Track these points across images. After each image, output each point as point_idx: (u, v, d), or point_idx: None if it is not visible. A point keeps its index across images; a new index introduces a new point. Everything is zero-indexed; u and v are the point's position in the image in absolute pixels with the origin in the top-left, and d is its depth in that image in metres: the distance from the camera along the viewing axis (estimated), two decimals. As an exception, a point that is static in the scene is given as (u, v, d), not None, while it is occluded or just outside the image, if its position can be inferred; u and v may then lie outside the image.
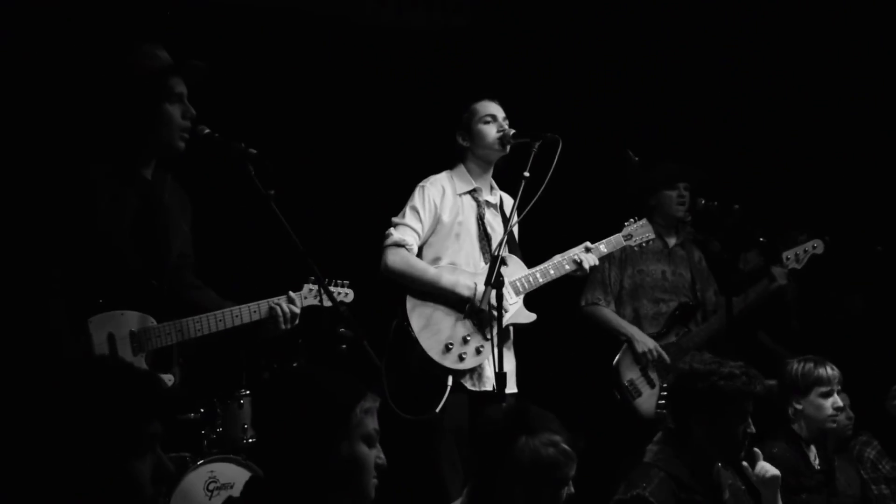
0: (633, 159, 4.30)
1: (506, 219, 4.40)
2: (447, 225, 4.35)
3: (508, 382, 4.11)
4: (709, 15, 6.08)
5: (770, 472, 3.56)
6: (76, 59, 4.39)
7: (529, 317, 4.38)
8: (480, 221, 4.42)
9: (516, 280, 4.31)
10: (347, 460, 2.30)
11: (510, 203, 4.36)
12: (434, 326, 4.21)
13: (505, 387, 3.87)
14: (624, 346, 5.07)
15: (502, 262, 3.89)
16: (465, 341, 4.21)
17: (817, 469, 4.19)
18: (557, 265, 4.39)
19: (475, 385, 4.26)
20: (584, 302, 5.20)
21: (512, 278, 4.28)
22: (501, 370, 3.83)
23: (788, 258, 5.18)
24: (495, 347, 3.87)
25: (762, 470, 3.56)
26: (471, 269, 4.32)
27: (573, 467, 2.78)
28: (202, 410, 4.50)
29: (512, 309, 4.28)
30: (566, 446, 2.76)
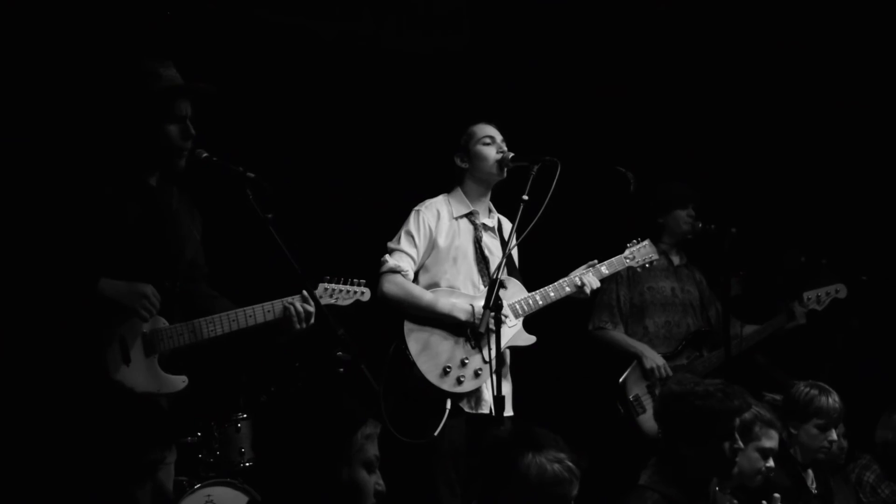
0: (628, 176, 4.31)
1: (504, 242, 4.41)
2: (444, 249, 4.35)
3: (506, 406, 4.10)
4: (706, 34, 6.11)
5: None
6: (84, 68, 4.39)
7: (529, 339, 4.37)
8: (478, 244, 4.42)
9: (515, 303, 4.31)
10: (348, 486, 2.30)
11: (509, 226, 4.37)
12: (432, 350, 4.21)
13: (503, 410, 3.87)
14: (633, 363, 5.08)
15: (501, 286, 3.89)
16: (464, 364, 4.21)
17: (814, 493, 4.18)
18: (557, 287, 4.39)
19: (472, 408, 4.26)
20: (592, 326, 5.22)
21: (511, 301, 4.28)
22: (500, 394, 3.82)
23: (809, 298, 5.20)
24: (493, 371, 3.87)
25: None
26: (470, 293, 4.32)
27: (576, 486, 2.79)
28: (199, 434, 4.48)
29: (511, 331, 4.27)
30: (571, 464, 2.77)
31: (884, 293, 5.73)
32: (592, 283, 4.41)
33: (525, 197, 4.02)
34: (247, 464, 4.41)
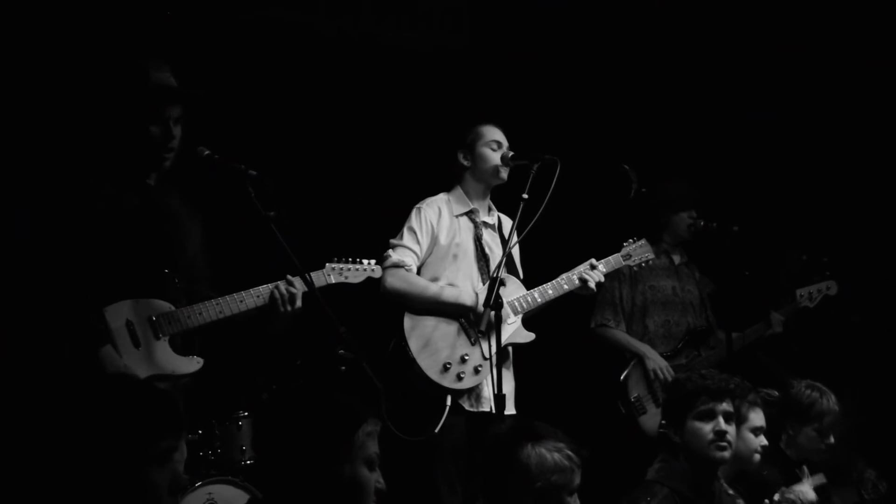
0: (631, 176, 4.31)
1: (504, 240, 4.41)
2: (444, 247, 4.36)
3: (507, 404, 4.10)
4: (706, 34, 6.11)
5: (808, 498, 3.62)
6: (83, 68, 4.40)
7: (528, 336, 4.38)
8: (478, 242, 4.42)
9: (514, 300, 4.31)
10: (349, 483, 2.31)
11: (509, 224, 4.37)
12: (432, 346, 4.21)
13: (504, 409, 3.86)
14: (633, 362, 5.08)
15: (501, 283, 3.89)
16: (463, 360, 4.21)
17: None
18: (556, 285, 4.39)
19: (473, 406, 4.26)
20: (594, 323, 5.22)
21: (510, 298, 4.28)
22: (500, 392, 3.82)
23: (802, 296, 5.21)
24: (493, 368, 3.87)
25: (801, 494, 3.61)
26: (470, 290, 4.32)
27: (578, 475, 2.81)
28: (200, 432, 4.47)
29: (510, 328, 4.27)
30: (571, 452, 2.80)
31: (884, 292, 5.73)
32: (598, 277, 4.41)
33: (525, 195, 4.02)
34: (248, 462, 4.40)
